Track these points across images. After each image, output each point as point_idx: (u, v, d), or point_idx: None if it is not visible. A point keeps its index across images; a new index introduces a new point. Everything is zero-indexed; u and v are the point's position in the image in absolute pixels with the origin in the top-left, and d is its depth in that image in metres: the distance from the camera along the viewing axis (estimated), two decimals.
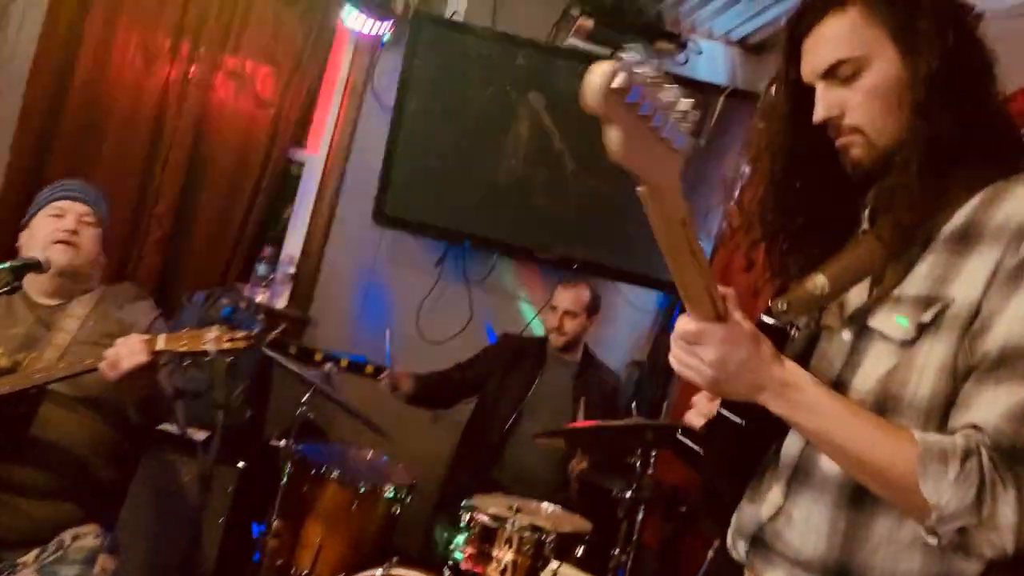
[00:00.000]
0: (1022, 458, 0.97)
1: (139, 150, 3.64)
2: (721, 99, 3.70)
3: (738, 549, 1.28)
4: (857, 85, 1.12)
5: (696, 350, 1.03)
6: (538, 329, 3.80)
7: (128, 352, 1.91)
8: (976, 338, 1.03)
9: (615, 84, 0.80)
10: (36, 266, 2.02)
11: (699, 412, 1.28)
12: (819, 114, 1.15)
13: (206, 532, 3.11)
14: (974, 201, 1.09)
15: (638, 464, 2.42)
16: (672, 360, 1.07)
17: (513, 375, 3.41)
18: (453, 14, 3.85)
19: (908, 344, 1.07)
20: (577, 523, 2.80)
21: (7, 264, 1.96)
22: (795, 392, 1.04)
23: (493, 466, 3.29)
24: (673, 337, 1.05)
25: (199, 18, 3.64)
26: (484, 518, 2.62)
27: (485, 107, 3.73)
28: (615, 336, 4.05)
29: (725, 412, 1.17)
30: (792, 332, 1.17)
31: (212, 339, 1.93)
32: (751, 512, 1.24)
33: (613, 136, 0.83)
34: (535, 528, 2.58)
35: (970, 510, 0.96)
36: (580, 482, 3.12)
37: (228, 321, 2.00)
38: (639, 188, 0.88)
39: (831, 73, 1.14)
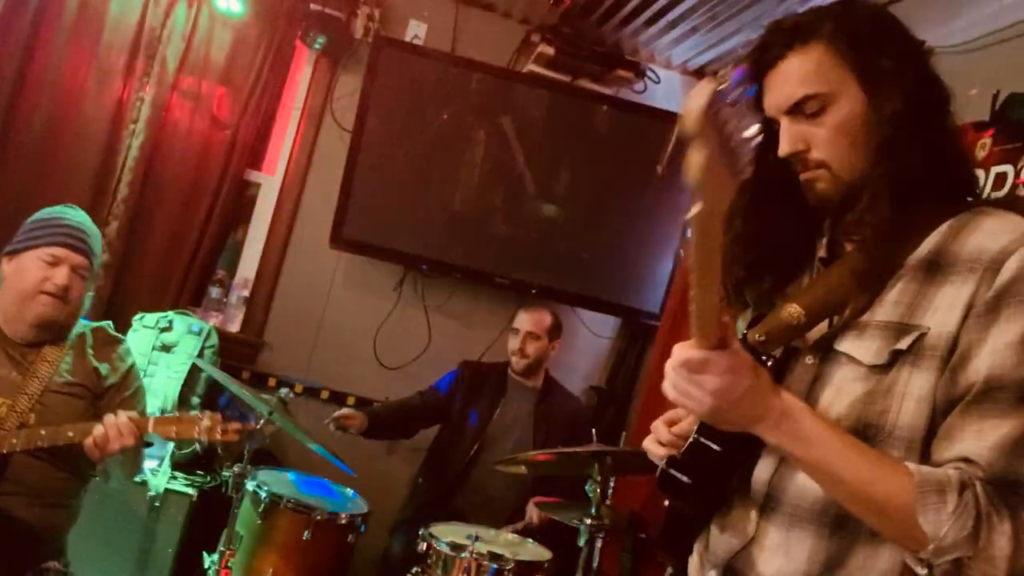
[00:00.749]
0: (1015, 491, 0.99)
1: (90, 170, 3.55)
2: (676, 128, 3.74)
3: None
4: (823, 120, 1.13)
5: (698, 379, 1.01)
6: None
7: (116, 435, 1.90)
8: (957, 370, 1.04)
9: (714, 108, 0.81)
10: None
11: (657, 438, 1.27)
12: (784, 148, 1.16)
13: (156, 562, 3.02)
14: (940, 232, 1.11)
15: (597, 491, 2.40)
16: (669, 389, 1.05)
17: (475, 402, 3.39)
18: (414, 37, 3.86)
19: (880, 369, 1.08)
20: (536, 551, 2.78)
21: None
22: (793, 423, 1.04)
23: (456, 493, 3.26)
24: (671, 365, 1.04)
25: (154, 37, 3.59)
26: (442, 547, 2.59)
27: (444, 132, 3.74)
28: (574, 361, 4.05)
29: (703, 439, 1.16)
30: (768, 362, 1.17)
31: (204, 430, 1.94)
32: (722, 540, 1.23)
33: (698, 159, 0.83)
34: (494, 556, 2.55)
35: (967, 542, 0.97)
36: (542, 512, 3.10)
37: (223, 411, 1.98)
38: (693, 210, 0.87)
39: (797, 108, 1.15)
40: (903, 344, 1.07)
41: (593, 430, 2.63)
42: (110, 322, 2.39)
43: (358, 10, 3.71)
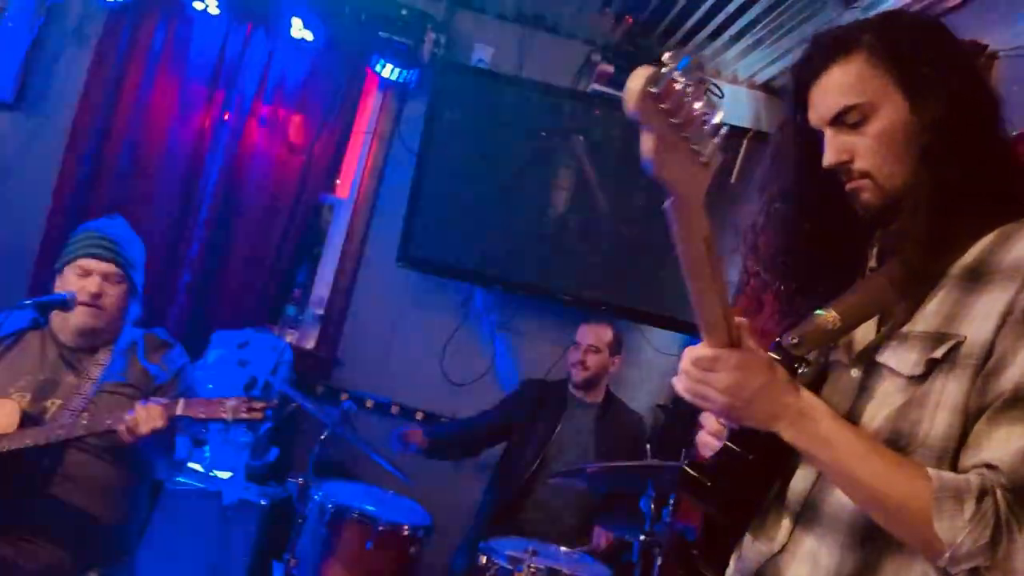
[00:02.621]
0: None
1: (175, 194, 3.77)
2: (745, 142, 3.71)
3: None
4: (865, 131, 1.12)
5: (709, 377, 1.02)
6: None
7: (146, 418, 1.98)
8: (990, 377, 1.01)
9: (652, 88, 0.81)
10: (62, 304, 2.09)
11: (711, 431, 1.24)
12: (828, 159, 1.16)
13: (229, 570, 3.14)
14: (984, 242, 1.08)
15: (651, 507, 2.39)
16: (681, 388, 1.06)
17: (537, 419, 3.41)
18: (479, 61, 3.95)
19: (918, 380, 1.06)
20: (595, 569, 2.77)
21: (32, 301, 2.03)
22: (810, 423, 1.03)
23: (519, 510, 3.28)
24: (683, 365, 1.05)
25: (234, 67, 3.79)
26: (501, 560, 2.62)
27: (510, 152, 3.80)
28: (640, 379, 4.03)
29: (731, 445, 1.14)
30: (800, 369, 1.14)
31: (230, 408, 2.01)
32: (755, 549, 1.21)
33: (645, 141, 0.84)
34: (552, 571, 2.56)
35: (984, 551, 0.93)
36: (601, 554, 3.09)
37: (247, 392, 2.07)
38: (666, 203, 0.90)
39: (839, 119, 1.14)
40: (938, 353, 1.04)
41: (648, 445, 2.61)
42: (163, 328, 2.50)
43: (426, 36, 3.82)
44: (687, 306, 0.99)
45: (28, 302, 2.03)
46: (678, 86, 0.83)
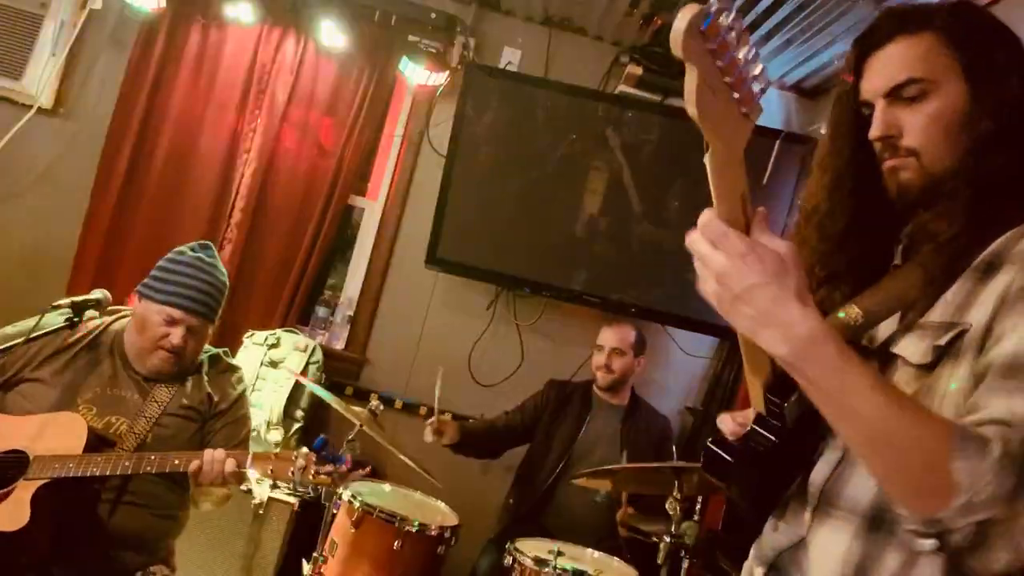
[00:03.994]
0: None
1: (208, 197, 3.84)
2: (777, 143, 3.68)
3: (754, 575, 1.25)
4: (920, 108, 1.12)
5: (708, 256, 0.91)
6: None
7: (212, 472, 1.98)
8: (985, 354, 1.00)
9: (700, 25, 0.78)
10: (96, 304, 2.13)
11: (725, 428, 1.22)
12: (877, 131, 1.14)
13: (259, 568, 3.18)
14: (1004, 237, 1.07)
15: (678, 509, 2.38)
16: (690, 243, 0.94)
17: (561, 421, 3.41)
18: (507, 64, 3.96)
19: (926, 368, 1.05)
20: (621, 569, 2.76)
21: (69, 300, 2.08)
22: (810, 346, 0.90)
23: (543, 511, 3.28)
24: (689, 238, 0.93)
25: (266, 72, 3.84)
26: (526, 561, 2.62)
27: (538, 154, 3.80)
28: (668, 382, 4.02)
29: (758, 428, 1.10)
30: None
31: (299, 471, 1.99)
32: (772, 538, 1.22)
33: (689, 82, 0.80)
34: (577, 572, 2.56)
35: (1005, 500, 0.86)
36: (627, 528, 3.08)
37: (319, 452, 2.07)
38: (707, 155, 0.85)
39: (896, 92, 1.13)
40: (943, 340, 1.03)
41: (674, 447, 2.60)
42: (226, 349, 2.51)
43: (454, 40, 3.85)
44: (714, 308, 0.95)
45: (64, 302, 2.07)
46: (724, 29, 0.80)
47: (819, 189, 1.25)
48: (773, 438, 1.09)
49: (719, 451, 1.14)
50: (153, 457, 2.03)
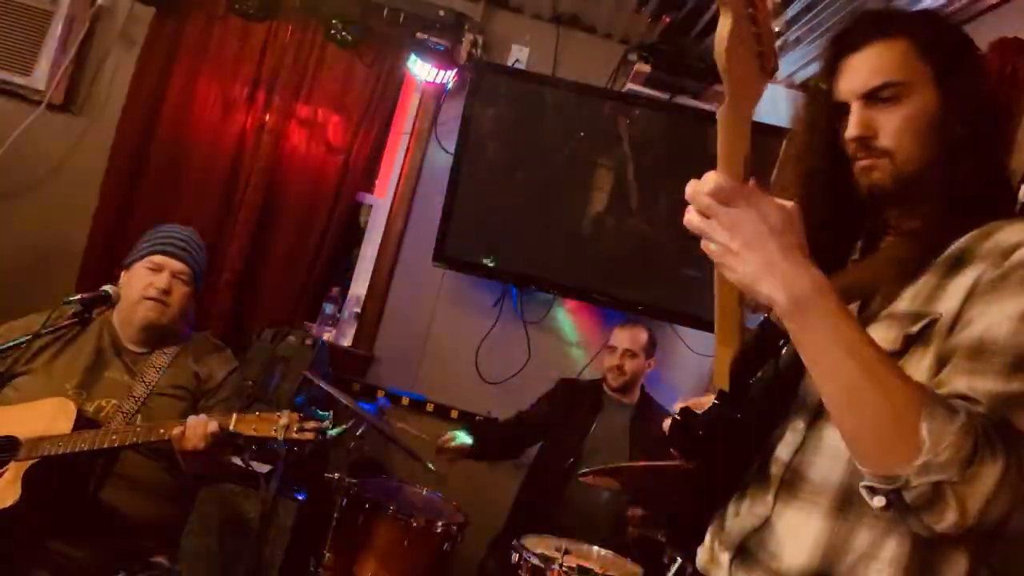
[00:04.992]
0: (1009, 435, 0.96)
1: (216, 193, 3.84)
2: (784, 142, 3.67)
3: (720, 560, 1.27)
4: (895, 110, 1.17)
5: (716, 209, 0.94)
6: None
7: (199, 433, 1.99)
8: (953, 335, 1.06)
9: None
10: (105, 299, 2.15)
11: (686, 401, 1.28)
12: (853, 131, 1.19)
13: (266, 564, 3.18)
14: (972, 234, 1.14)
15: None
16: (686, 218, 0.98)
17: (571, 419, 3.42)
18: (515, 62, 3.96)
19: (896, 356, 1.09)
20: (628, 568, 2.77)
21: (78, 296, 2.08)
22: (813, 296, 0.95)
23: (552, 509, 3.29)
24: (692, 190, 0.96)
25: (274, 69, 3.85)
26: (532, 559, 2.63)
27: (546, 152, 3.80)
28: (675, 380, 4.01)
29: (723, 404, 1.14)
30: (784, 347, 1.16)
31: (282, 427, 2.01)
32: (737, 521, 1.24)
33: (723, 25, 0.83)
34: (583, 570, 2.56)
35: (959, 463, 0.92)
36: (636, 526, 3.08)
37: (300, 410, 2.07)
38: (720, 110, 0.88)
39: (873, 94, 1.18)
40: (914, 329, 1.09)
41: None
42: (208, 332, 2.55)
43: (463, 37, 3.85)
44: None
45: (73, 298, 2.08)
46: None
47: (794, 180, 1.29)
48: (737, 414, 1.15)
49: (686, 424, 1.17)
50: (139, 428, 2.06)
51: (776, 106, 3.92)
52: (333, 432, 2.08)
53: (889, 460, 0.96)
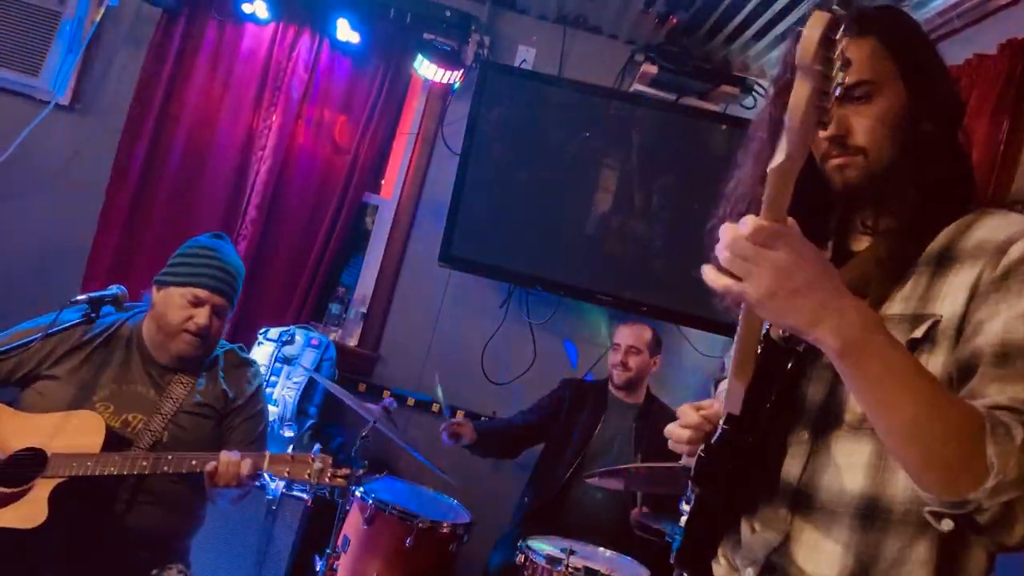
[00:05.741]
0: None
1: (223, 193, 3.85)
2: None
3: None
4: (867, 108, 1.17)
5: (763, 254, 0.92)
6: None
7: (232, 474, 1.99)
8: (968, 341, 1.05)
9: (831, 35, 0.82)
10: (113, 300, 2.14)
11: (683, 422, 1.29)
12: (829, 129, 1.17)
13: (272, 564, 3.19)
14: (947, 231, 1.16)
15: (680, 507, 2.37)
16: (728, 259, 0.94)
17: (576, 419, 3.41)
18: (522, 62, 3.96)
19: None
20: (634, 569, 2.76)
21: (87, 296, 2.08)
22: (866, 334, 0.94)
23: (558, 510, 3.28)
24: (731, 236, 0.93)
25: (280, 70, 3.86)
26: (538, 559, 2.63)
27: (552, 152, 3.80)
28: (681, 381, 4.01)
29: (731, 428, 1.14)
30: (788, 364, 1.18)
31: (315, 472, 2.00)
32: (758, 538, 1.22)
33: (802, 90, 0.83)
34: (589, 571, 2.56)
35: None
36: (641, 528, 3.08)
37: (335, 454, 2.07)
38: (776, 160, 0.88)
39: (847, 93, 1.17)
40: (918, 333, 1.08)
41: None
42: (241, 345, 2.51)
43: (469, 38, 3.85)
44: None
45: (81, 298, 2.08)
46: (841, 42, 0.83)
47: (752, 178, 1.28)
48: (748, 437, 1.16)
49: (712, 460, 1.17)
50: (170, 457, 2.04)
51: None
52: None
53: (958, 486, 0.95)
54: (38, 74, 3.80)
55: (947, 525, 0.97)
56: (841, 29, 0.83)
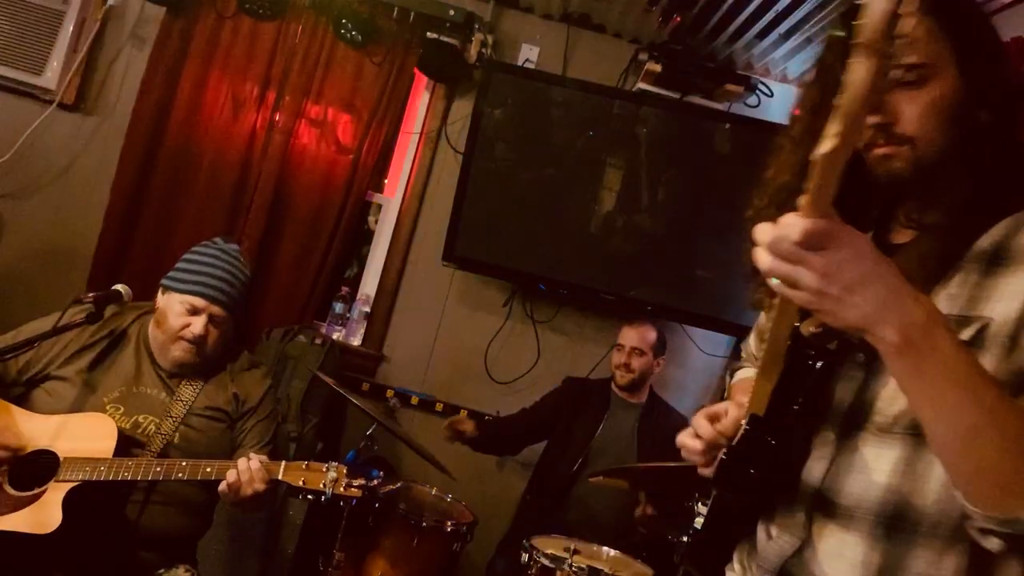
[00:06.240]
0: None
1: (226, 193, 3.84)
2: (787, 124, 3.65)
3: None
4: (919, 94, 1.08)
5: (810, 256, 0.85)
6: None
7: (248, 481, 1.98)
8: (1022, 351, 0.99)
9: (899, 11, 0.75)
10: (117, 298, 2.14)
11: (696, 431, 1.21)
12: (874, 116, 1.10)
13: (277, 562, 3.20)
14: (999, 227, 1.07)
15: (695, 508, 2.37)
16: (765, 265, 0.88)
17: (579, 418, 3.41)
18: (526, 61, 3.96)
19: None
20: (638, 568, 2.76)
21: (92, 295, 2.08)
22: (929, 331, 0.88)
23: (561, 509, 3.29)
24: (773, 237, 0.86)
25: (284, 69, 3.86)
26: (542, 559, 2.62)
27: (556, 151, 3.80)
28: (685, 380, 4.01)
29: (755, 432, 1.09)
30: (817, 363, 1.11)
31: (330, 481, 2.00)
32: (773, 545, 1.19)
33: (862, 72, 0.77)
34: (592, 570, 2.56)
35: None
36: (645, 527, 3.08)
37: (350, 465, 2.07)
38: (823, 146, 0.81)
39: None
40: (966, 335, 1.01)
41: None
42: (246, 351, 2.50)
43: (473, 36, 3.85)
44: (732, 307, 0.96)
45: (85, 297, 2.08)
46: (910, 19, 0.76)
47: (791, 166, 1.20)
48: (771, 439, 1.10)
49: (740, 465, 1.12)
50: (184, 464, 2.03)
51: (787, 107, 3.91)
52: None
53: (1010, 503, 0.90)
54: (41, 73, 3.80)
55: (995, 545, 0.93)
56: (914, 4, 0.76)
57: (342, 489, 2.00)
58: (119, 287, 2.17)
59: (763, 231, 0.88)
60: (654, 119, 3.76)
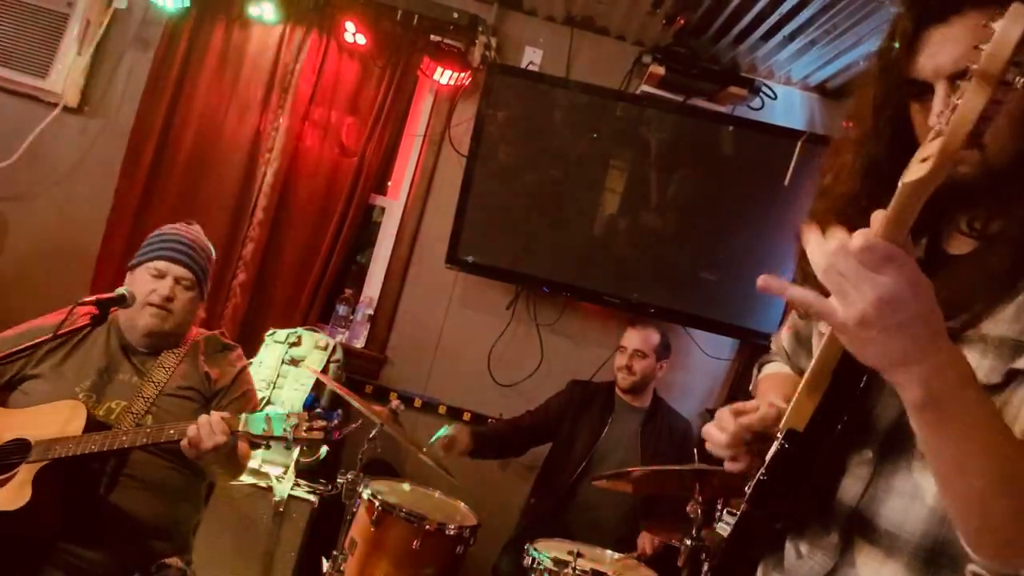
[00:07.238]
0: None
1: (231, 195, 3.85)
2: (799, 144, 3.65)
3: None
4: None
5: (871, 277, 0.79)
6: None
7: (208, 434, 1.99)
8: None
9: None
10: (121, 300, 2.15)
11: (720, 425, 1.15)
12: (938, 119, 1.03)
13: (279, 565, 3.19)
14: None
15: (699, 512, 2.36)
16: (821, 270, 0.83)
17: (583, 421, 3.41)
18: (529, 64, 3.96)
19: (991, 389, 0.95)
20: (641, 572, 2.75)
21: (93, 297, 2.09)
22: (957, 390, 0.84)
23: (565, 512, 3.28)
24: (844, 247, 0.80)
25: (288, 72, 3.86)
26: (545, 562, 2.62)
27: (559, 154, 3.80)
28: (688, 383, 4.00)
29: (789, 445, 1.03)
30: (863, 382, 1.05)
31: (290, 427, 2.00)
32: (803, 565, 1.13)
33: (975, 101, 0.71)
34: (596, 574, 2.55)
35: None
36: (653, 547, 3.08)
37: (309, 410, 2.08)
38: (912, 174, 0.77)
39: (964, 75, 0.98)
40: (1021, 363, 0.94)
41: (695, 450, 2.59)
42: (223, 330, 2.54)
43: (476, 39, 3.85)
44: (736, 310, 0.93)
45: (88, 299, 2.09)
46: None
47: (851, 169, 1.13)
48: (807, 453, 1.04)
49: (773, 483, 1.06)
50: (149, 429, 2.05)
51: (791, 110, 3.91)
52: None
53: (1017, 562, 0.88)
54: (46, 76, 3.81)
55: None
56: None
57: (303, 433, 2.00)
58: (122, 289, 2.18)
59: (830, 237, 0.82)
60: (658, 122, 3.76)
